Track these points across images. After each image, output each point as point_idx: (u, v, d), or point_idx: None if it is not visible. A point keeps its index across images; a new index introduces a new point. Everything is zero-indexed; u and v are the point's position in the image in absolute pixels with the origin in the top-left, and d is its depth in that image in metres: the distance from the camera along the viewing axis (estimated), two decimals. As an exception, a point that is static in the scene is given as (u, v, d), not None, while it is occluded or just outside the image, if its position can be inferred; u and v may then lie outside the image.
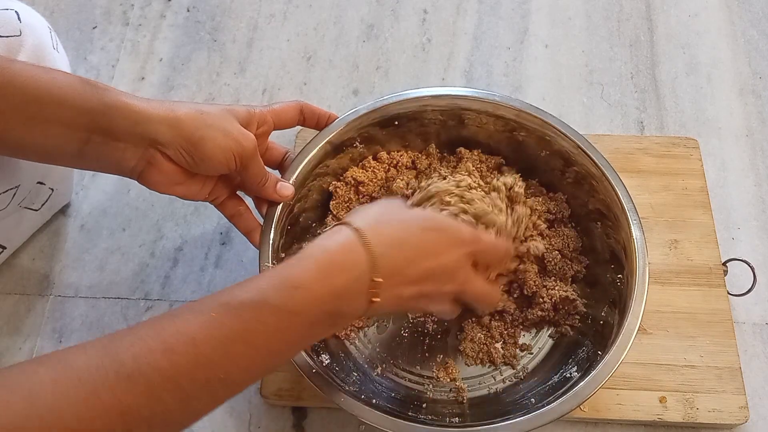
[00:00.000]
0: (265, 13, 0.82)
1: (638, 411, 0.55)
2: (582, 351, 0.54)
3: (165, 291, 0.64)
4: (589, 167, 0.57)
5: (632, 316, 0.49)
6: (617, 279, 0.55)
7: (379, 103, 0.59)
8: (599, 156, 0.56)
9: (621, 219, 0.54)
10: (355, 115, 0.59)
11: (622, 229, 0.54)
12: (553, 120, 0.58)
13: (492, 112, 0.60)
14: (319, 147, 0.58)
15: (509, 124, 0.60)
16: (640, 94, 0.75)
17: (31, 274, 0.65)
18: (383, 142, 0.63)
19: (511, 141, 0.62)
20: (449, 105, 0.60)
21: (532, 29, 0.80)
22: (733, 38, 0.79)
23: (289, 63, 0.78)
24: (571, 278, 0.59)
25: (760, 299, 0.62)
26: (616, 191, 0.54)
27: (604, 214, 0.57)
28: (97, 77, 0.77)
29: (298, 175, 0.56)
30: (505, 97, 0.59)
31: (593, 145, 0.57)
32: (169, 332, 0.35)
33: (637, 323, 0.49)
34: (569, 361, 0.54)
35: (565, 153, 0.58)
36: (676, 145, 0.68)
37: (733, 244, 0.65)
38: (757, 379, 0.59)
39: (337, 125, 0.58)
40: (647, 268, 0.51)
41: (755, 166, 0.70)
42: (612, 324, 0.53)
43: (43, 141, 0.45)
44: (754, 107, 0.74)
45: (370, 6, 0.82)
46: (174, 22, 0.81)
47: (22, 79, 0.43)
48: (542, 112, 0.58)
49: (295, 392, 0.56)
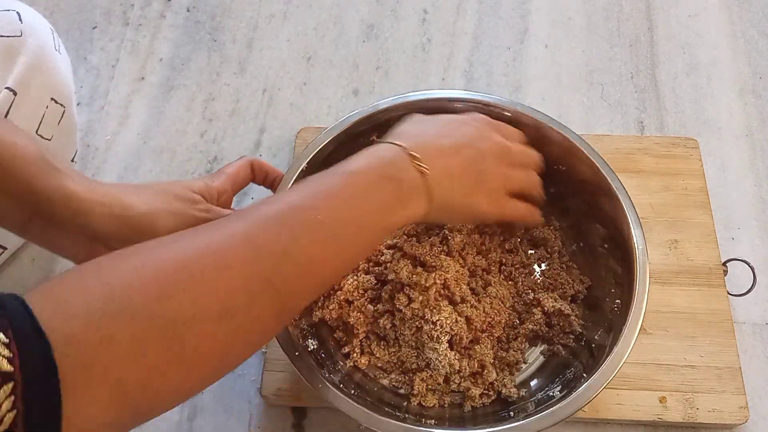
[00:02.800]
0: (265, 13, 0.82)
1: (638, 411, 0.55)
2: (570, 372, 0.54)
3: (165, 291, 0.64)
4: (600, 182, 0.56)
5: (622, 344, 0.48)
6: (615, 305, 0.54)
7: (368, 110, 0.59)
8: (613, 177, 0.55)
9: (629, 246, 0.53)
10: (348, 123, 0.58)
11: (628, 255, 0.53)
12: (555, 123, 0.58)
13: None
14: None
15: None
16: (640, 94, 0.75)
17: (31, 274, 0.65)
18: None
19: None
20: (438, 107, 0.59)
21: (532, 29, 0.80)
22: (733, 38, 0.79)
23: (289, 63, 0.78)
24: (570, 297, 0.58)
25: (760, 299, 0.62)
26: (628, 221, 0.53)
27: (613, 239, 0.56)
28: (97, 77, 0.77)
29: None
30: (510, 102, 0.59)
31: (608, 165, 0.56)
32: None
33: (627, 351, 0.48)
34: (555, 380, 0.54)
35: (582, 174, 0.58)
36: (676, 145, 0.68)
37: (733, 244, 0.65)
38: (757, 379, 0.59)
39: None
40: (646, 298, 0.50)
41: (755, 166, 0.70)
42: (605, 348, 0.51)
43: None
44: (754, 107, 0.74)
45: (370, 6, 0.82)
46: (174, 22, 0.81)
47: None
48: (564, 125, 0.58)
49: (295, 392, 0.57)
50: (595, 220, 0.59)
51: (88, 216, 0.43)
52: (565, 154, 0.58)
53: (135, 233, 0.45)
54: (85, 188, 0.44)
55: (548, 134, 0.58)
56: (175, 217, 0.47)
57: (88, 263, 0.34)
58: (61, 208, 0.43)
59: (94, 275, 0.33)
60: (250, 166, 0.55)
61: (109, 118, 0.74)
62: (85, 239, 0.45)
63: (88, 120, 0.74)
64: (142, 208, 0.45)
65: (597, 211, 0.57)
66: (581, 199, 0.59)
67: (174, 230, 0.45)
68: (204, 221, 0.48)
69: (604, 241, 0.58)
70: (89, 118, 0.74)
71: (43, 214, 0.43)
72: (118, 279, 0.33)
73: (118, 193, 0.45)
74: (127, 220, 0.45)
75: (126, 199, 0.45)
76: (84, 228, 0.44)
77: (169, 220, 0.46)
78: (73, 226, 0.44)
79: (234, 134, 0.73)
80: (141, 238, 0.44)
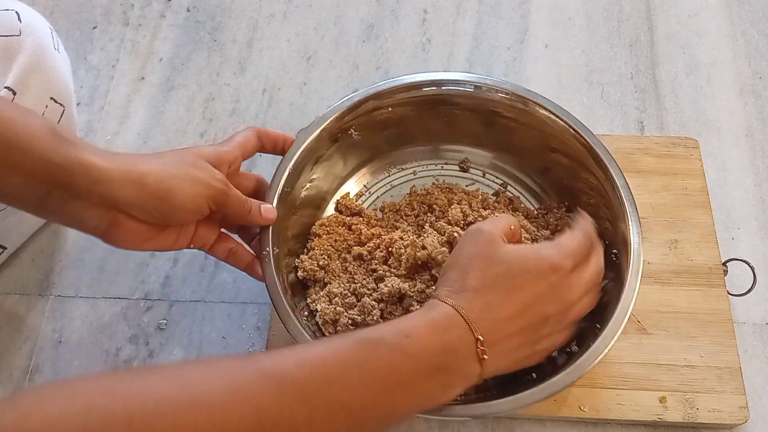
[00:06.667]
0: (265, 13, 0.82)
1: (638, 411, 0.55)
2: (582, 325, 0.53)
3: (165, 291, 0.64)
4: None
5: (627, 291, 0.50)
6: (612, 254, 0.55)
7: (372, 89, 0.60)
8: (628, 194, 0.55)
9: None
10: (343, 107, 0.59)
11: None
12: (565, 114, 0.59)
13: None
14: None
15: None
16: (640, 94, 0.75)
17: (31, 274, 0.65)
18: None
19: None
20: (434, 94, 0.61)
21: (532, 29, 0.80)
22: (733, 38, 0.79)
23: (289, 63, 0.78)
24: None
25: (760, 299, 0.62)
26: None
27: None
28: (97, 77, 0.77)
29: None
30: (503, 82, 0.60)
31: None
32: (301, 352, 0.39)
33: (633, 297, 0.49)
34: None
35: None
36: (676, 145, 0.68)
37: (733, 244, 0.65)
38: (757, 379, 0.59)
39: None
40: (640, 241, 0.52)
41: (755, 166, 0.70)
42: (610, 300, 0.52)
43: (4, 186, 0.43)
44: (754, 107, 0.74)
45: (370, 6, 0.82)
46: (174, 22, 0.81)
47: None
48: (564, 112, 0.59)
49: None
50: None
51: (107, 184, 0.44)
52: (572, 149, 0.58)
53: (154, 199, 0.45)
54: (102, 158, 0.44)
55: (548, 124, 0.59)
56: (192, 184, 0.47)
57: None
58: (80, 178, 0.43)
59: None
60: (257, 136, 0.55)
61: (109, 118, 0.74)
62: (105, 209, 0.45)
63: (88, 120, 0.74)
64: (159, 174, 0.46)
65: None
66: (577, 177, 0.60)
67: (191, 196, 0.46)
68: (220, 192, 0.48)
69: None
70: (89, 118, 0.74)
71: (62, 187, 0.43)
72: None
73: (135, 161, 0.46)
74: (146, 186, 0.45)
75: (143, 166, 0.45)
76: (104, 197, 0.44)
77: (187, 187, 0.46)
78: (92, 195, 0.44)
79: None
80: (160, 204, 0.46)
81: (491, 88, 0.60)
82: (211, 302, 0.64)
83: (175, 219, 0.48)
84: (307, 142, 0.58)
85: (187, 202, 0.47)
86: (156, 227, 0.48)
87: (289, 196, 0.56)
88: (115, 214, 0.45)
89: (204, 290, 0.64)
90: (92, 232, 0.47)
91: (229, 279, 0.64)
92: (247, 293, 0.64)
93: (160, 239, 0.49)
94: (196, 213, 0.48)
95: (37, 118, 0.44)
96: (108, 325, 0.63)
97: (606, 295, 0.52)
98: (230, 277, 0.64)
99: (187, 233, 0.51)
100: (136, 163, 0.46)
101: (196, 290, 0.64)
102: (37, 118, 0.44)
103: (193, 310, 0.63)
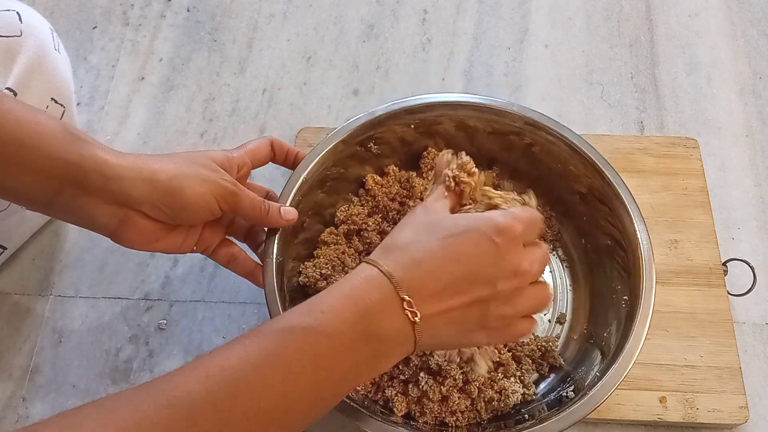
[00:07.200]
0: (265, 13, 0.82)
1: (638, 411, 0.55)
2: (581, 371, 0.53)
3: (165, 291, 0.64)
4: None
5: (633, 340, 0.48)
6: (623, 302, 0.54)
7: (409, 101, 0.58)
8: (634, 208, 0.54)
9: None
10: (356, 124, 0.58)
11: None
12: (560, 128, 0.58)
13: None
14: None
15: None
16: (640, 94, 0.75)
17: (31, 274, 0.65)
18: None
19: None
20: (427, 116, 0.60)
21: (532, 29, 0.80)
22: (733, 38, 0.79)
23: (289, 63, 0.78)
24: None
25: (760, 299, 0.62)
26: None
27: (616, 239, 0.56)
28: (97, 77, 0.77)
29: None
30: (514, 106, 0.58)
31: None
32: (206, 362, 0.36)
33: (638, 347, 0.48)
34: (568, 380, 0.54)
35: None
36: (676, 145, 0.68)
37: (733, 244, 0.65)
38: (757, 379, 0.59)
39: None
40: (653, 296, 0.50)
41: (755, 166, 0.70)
42: (614, 346, 0.51)
43: (14, 185, 0.43)
44: (754, 107, 0.74)
45: (370, 6, 0.82)
46: (174, 22, 0.81)
47: (7, 119, 0.41)
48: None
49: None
50: (597, 215, 0.58)
51: (120, 181, 0.44)
52: (565, 155, 0.58)
53: (165, 197, 0.46)
54: (115, 155, 0.45)
55: (547, 134, 0.58)
56: (203, 183, 0.47)
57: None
58: (93, 175, 0.43)
59: None
60: (270, 145, 0.55)
61: (109, 118, 0.74)
62: (117, 206, 0.45)
63: (88, 120, 0.74)
64: (171, 172, 0.46)
65: (598, 207, 0.57)
66: (581, 198, 0.59)
67: (201, 194, 0.46)
68: (230, 192, 0.48)
69: (608, 239, 0.58)
70: (89, 118, 0.74)
71: (75, 184, 0.44)
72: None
73: (147, 159, 0.46)
74: (157, 184, 0.45)
75: (154, 164, 0.46)
76: (116, 194, 0.44)
77: (197, 185, 0.47)
78: (105, 192, 0.44)
79: (234, 134, 0.73)
80: (171, 201, 0.46)
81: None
82: (211, 302, 0.64)
83: (185, 217, 0.48)
84: (323, 153, 0.57)
85: (198, 200, 0.47)
86: (165, 227, 0.48)
87: (300, 205, 0.56)
88: (127, 211, 0.46)
89: (204, 290, 0.64)
90: (102, 230, 0.47)
91: (229, 279, 0.64)
92: (247, 293, 0.64)
93: (168, 240, 0.49)
94: (206, 212, 0.48)
95: (49, 116, 0.44)
96: (108, 325, 0.63)
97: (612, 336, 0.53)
98: (230, 278, 0.64)
99: (194, 235, 0.51)
100: (147, 161, 0.46)
101: (196, 290, 0.64)
102: (48, 116, 0.44)
103: (193, 310, 0.63)
